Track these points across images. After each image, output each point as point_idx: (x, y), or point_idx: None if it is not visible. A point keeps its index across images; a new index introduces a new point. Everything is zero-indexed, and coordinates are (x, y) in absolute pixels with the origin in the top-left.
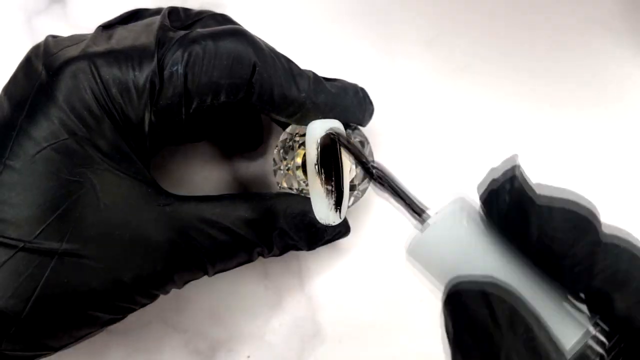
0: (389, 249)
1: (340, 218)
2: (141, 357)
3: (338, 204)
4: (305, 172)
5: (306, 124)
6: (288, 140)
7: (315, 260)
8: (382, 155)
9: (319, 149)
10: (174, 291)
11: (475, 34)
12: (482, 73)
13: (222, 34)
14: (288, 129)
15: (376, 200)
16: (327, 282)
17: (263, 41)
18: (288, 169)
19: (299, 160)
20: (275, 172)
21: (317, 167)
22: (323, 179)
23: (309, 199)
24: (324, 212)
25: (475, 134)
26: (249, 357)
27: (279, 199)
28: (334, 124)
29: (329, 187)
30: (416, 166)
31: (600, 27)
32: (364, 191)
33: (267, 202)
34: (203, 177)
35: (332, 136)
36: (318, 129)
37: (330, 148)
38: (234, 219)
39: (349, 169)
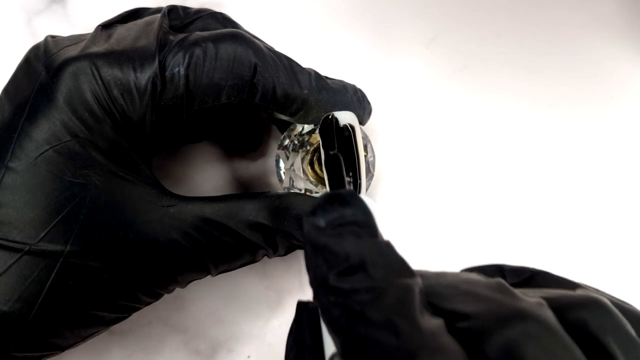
0: None
1: None
2: (141, 357)
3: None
4: (312, 168)
5: (308, 121)
6: (289, 141)
7: None
8: (381, 154)
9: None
10: (174, 291)
11: (474, 34)
12: (481, 73)
13: (222, 37)
14: (288, 130)
15: (377, 200)
16: None
17: (262, 42)
18: (293, 170)
19: (299, 160)
20: (277, 173)
21: None
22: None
23: (314, 198)
24: None
25: (474, 133)
26: (249, 357)
27: (285, 200)
28: (349, 116)
29: (348, 179)
30: (415, 165)
31: (599, 26)
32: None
33: (273, 203)
34: (203, 177)
35: (349, 128)
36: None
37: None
38: (239, 221)
39: (364, 159)
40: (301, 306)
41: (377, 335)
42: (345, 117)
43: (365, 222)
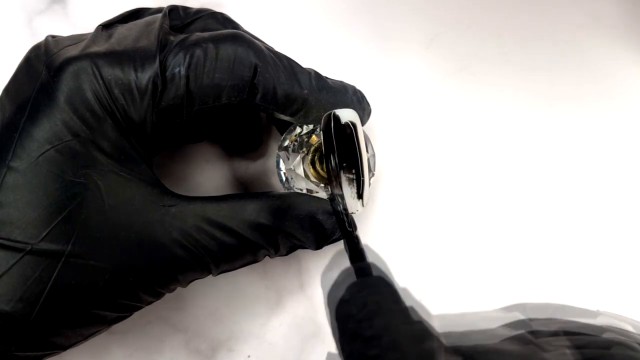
0: (389, 249)
1: (363, 205)
2: (141, 357)
3: (360, 192)
4: (314, 168)
5: (309, 121)
6: (289, 141)
7: (315, 260)
8: (381, 154)
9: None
10: (175, 290)
11: (474, 34)
12: (482, 72)
13: (223, 38)
14: (288, 131)
15: (377, 200)
16: None
17: (262, 42)
18: (294, 170)
19: (300, 161)
20: (278, 173)
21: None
22: (344, 168)
23: (316, 198)
24: (347, 201)
25: (474, 132)
26: (249, 356)
27: (286, 199)
28: (351, 114)
29: (350, 176)
30: (415, 165)
31: (599, 26)
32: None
33: (274, 203)
34: (204, 177)
35: (350, 126)
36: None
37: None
38: (240, 221)
39: (366, 157)
40: None
41: None
42: (346, 115)
43: (392, 305)
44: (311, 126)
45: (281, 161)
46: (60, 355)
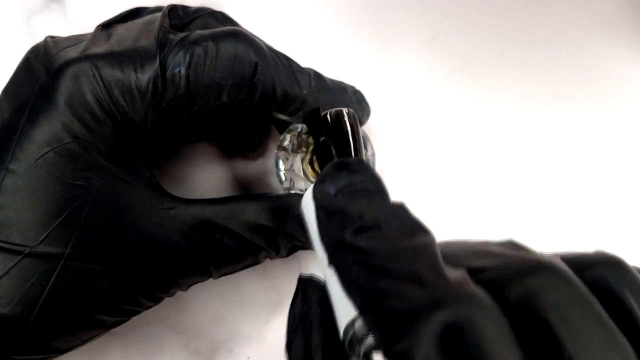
0: None
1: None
2: (141, 358)
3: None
4: (312, 167)
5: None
6: (288, 141)
7: (315, 260)
8: (381, 155)
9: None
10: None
11: (473, 34)
12: (481, 73)
13: (223, 35)
14: (287, 131)
15: None
16: None
17: (262, 41)
18: (293, 170)
19: (299, 161)
20: (277, 173)
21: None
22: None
23: None
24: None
25: (473, 133)
26: (249, 357)
27: (285, 200)
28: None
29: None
30: (415, 165)
31: (600, 26)
32: None
33: (274, 204)
34: (203, 177)
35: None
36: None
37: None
38: (240, 223)
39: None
40: (305, 280)
41: (399, 287)
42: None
43: (376, 188)
44: None
45: (280, 161)
46: (59, 357)
